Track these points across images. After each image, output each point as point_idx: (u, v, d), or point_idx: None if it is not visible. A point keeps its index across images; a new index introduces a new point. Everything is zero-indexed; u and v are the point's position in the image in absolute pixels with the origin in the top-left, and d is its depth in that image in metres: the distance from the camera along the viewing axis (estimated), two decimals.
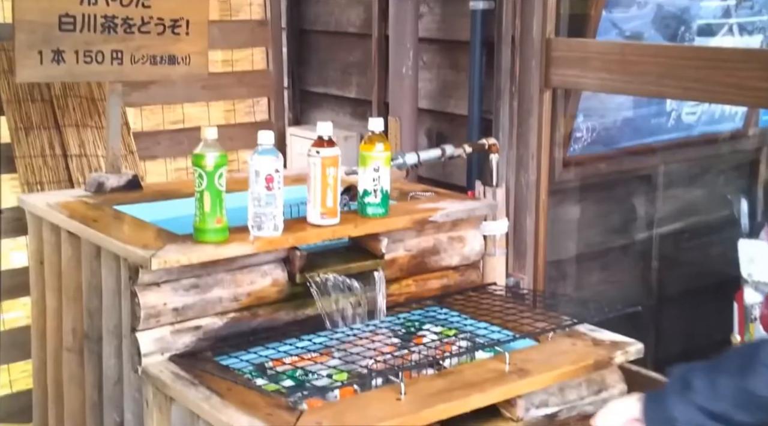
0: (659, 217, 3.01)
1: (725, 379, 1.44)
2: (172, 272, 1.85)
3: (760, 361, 1.40)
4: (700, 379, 1.47)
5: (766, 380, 1.40)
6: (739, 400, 1.42)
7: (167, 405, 1.82)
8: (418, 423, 1.71)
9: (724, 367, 1.45)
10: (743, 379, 1.41)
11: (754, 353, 1.42)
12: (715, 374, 1.46)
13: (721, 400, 1.44)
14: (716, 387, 1.45)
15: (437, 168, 2.80)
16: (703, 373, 1.47)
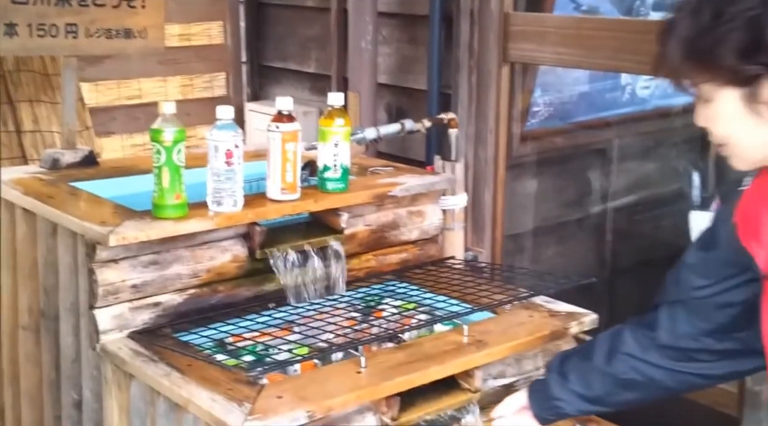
0: (613, 190, 3.07)
1: (594, 368, 1.58)
2: (130, 249, 1.84)
3: (619, 351, 1.54)
4: (574, 369, 1.62)
5: (627, 366, 1.54)
6: (609, 385, 1.57)
7: (126, 382, 1.82)
8: (378, 395, 1.73)
9: (593, 356, 1.59)
10: (609, 366, 1.56)
11: (614, 343, 1.57)
12: (585, 363, 1.60)
13: (594, 388, 1.59)
14: (587, 376, 1.59)
15: (396, 143, 2.81)
16: (576, 362, 1.62)
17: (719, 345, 1.47)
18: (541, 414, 1.68)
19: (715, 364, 1.51)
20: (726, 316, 1.44)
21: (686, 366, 1.52)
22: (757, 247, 1.27)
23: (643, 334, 1.55)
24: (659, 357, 1.53)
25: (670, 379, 1.54)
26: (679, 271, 1.50)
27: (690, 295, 1.47)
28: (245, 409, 1.57)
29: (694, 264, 1.46)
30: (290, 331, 1.92)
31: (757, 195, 1.30)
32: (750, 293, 1.38)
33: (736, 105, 1.18)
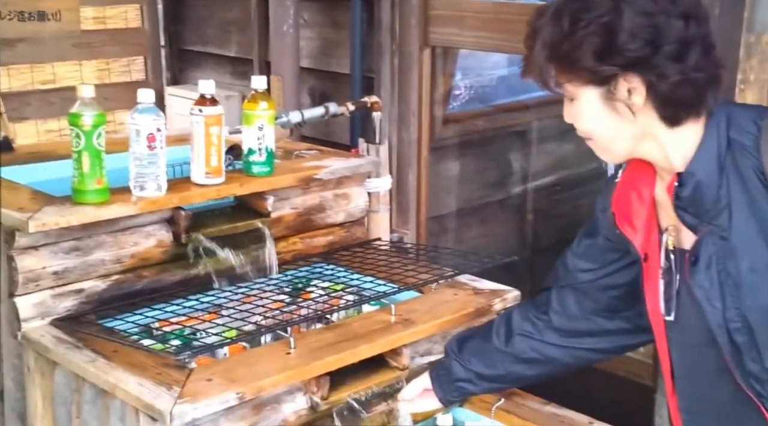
0: (533, 171, 3.14)
1: (494, 349, 1.68)
2: (50, 235, 1.80)
3: (516, 332, 1.66)
4: (475, 350, 1.71)
5: (525, 345, 1.65)
6: (510, 364, 1.68)
7: (50, 370, 1.79)
8: (308, 375, 1.75)
9: (492, 338, 1.69)
10: (508, 346, 1.67)
11: (511, 325, 1.68)
12: (485, 345, 1.70)
13: (496, 367, 1.69)
14: (488, 356, 1.69)
15: (320, 127, 2.81)
16: (476, 344, 1.72)
17: (610, 323, 1.58)
18: (446, 397, 1.76)
19: (606, 340, 1.61)
20: (611, 298, 1.55)
21: (580, 342, 1.62)
22: (632, 233, 1.37)
23: (536, 316, 1.65)
24: (554, 337, 1.63)
25: (567, 356, 1.65)
26: (567, 257, 1.60)
27: (577, 279, 1.57)
28: (174, 392, 1.57)
29: (580, 251, 1.57)
30: (218, 315, 1.92)
31: (627, 184, 1.39)
32: (631, 275, 1.48)
33: (596, 103, 1.26)
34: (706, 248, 1.24)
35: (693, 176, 1.24)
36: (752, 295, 1.21)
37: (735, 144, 1.23)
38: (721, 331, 1.23)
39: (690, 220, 1.26)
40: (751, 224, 1.21)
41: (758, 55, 1.86)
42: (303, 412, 1.77)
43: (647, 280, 1.38)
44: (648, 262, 1.37)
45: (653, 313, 1.39)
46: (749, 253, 1.21)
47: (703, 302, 1.25)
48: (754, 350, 1.22)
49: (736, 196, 1.22)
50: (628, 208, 1.37)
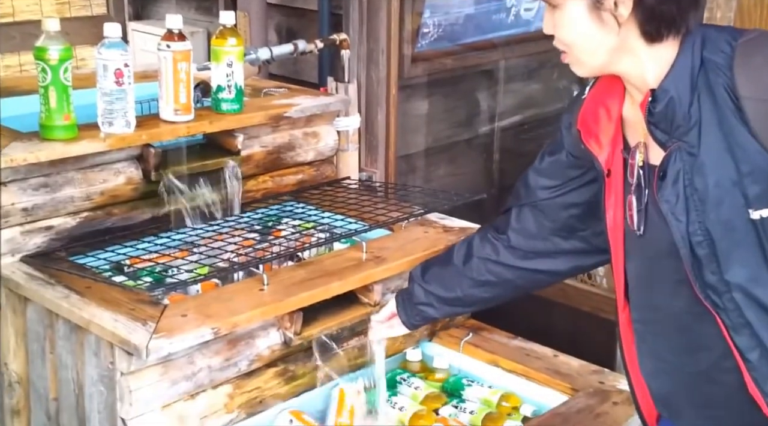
0: (500, 110, 3.15)
1: (453, 272, 1.73)
2: (18, 171, 1.78)
3: (474, 254, 1.71)
4: (435, 275, 1.76)
5: (482, 268, 1.70)
6: (467, 287, 1.72)
7: (22, 306, 1.79)
8: (282, 311, 1.77)
9: (452, 261, 1.74)
10: (466, 269, 1.71)
11: (470, 248, 1.72)
12: (445, 268, 1.75)
13: (453, 290, 1.74)
14: (447, 280, 1.74)
15: (288, 65, 2.78)
16: (436, 269, 1.77)
17: (566, 243, 1.63)
18: (409, 320, 1.80)
19: (561, 260, 1.66)
20: (570, 216, 1.59)
21: (536, 263, 1.67)
22: (598, 149, 1.40)
23: (496, 236, 1.70)
24: (511, 257, 1.68)
25: (521, 278, 1.70)
26: (528, 175, 1.64)
27: (538, 197, 1.61)
28: (150, 327, 1.58)
29: (542, 168, 1.60)
30: (189, 253, 1.92)
31: (595, 100, 1.41)
32: (590, 194, 1.53)
33: (583, 11, 1.27)
34: (673, 164, 1.27)
35: (666, 93, 1.26)
36: (716, 209, 1.25)
37: (708, 63, 1.26)
38: (684, 243, 1.27)
39: (660, 136, 1.29)
40: (719, 141, 1.24)
41: None
42: (276, 347, 1.80)
43: (609, 195, 1.42)
44: (610, 177, 1.40)
45: (613, 227, 1.42)
46: (716, 168, 1.25)
47: (668, 216, 1.28)
48: (714, 263, 1.26)
49: (706, 114, 1.25)
50: (596, 124, 1.40)
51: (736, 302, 1.27)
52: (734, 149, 1.24)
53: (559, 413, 1.81)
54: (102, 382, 1.63)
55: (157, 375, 1.62)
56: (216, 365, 1.70)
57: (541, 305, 2.44)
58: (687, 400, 1.40)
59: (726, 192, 1.25)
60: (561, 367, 1.98)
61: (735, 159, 1.24)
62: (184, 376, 1.65)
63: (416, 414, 1.89)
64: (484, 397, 1.96)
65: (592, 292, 2.47)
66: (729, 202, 1.25)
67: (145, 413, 1.61)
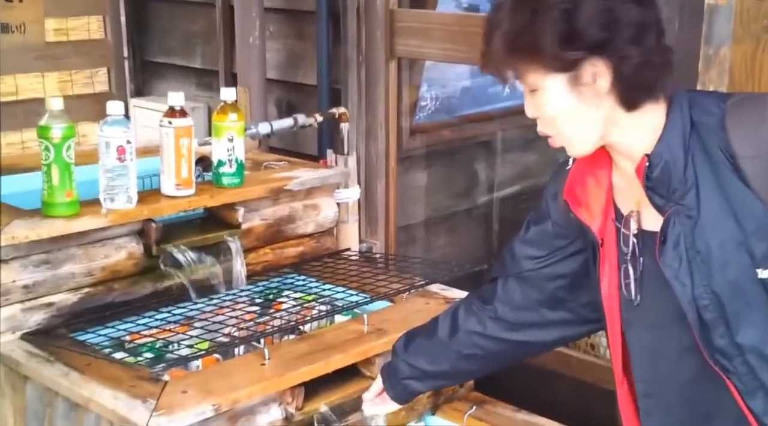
0: (498, 181, 3.18)
1: (438, 345, 1.66)
2: (20, 248, 1.79)
3: (460, 328, 1.65)
4: (419, 347, 1.69)
5: (469, 341, 1.64)
6: (453, 360, 1.66)
7: (21, 384, 1.77)
8: (283, 386, 1.75)
9: (437, 333, 1.67)
10: (452, 342, 1.65)
11: (455, 320, 1.66)
12: (430, 340, 1.68)
13: (439, 364, 1.67)
14: (433, 353, 1.68)
15: (288, 138, 2.82)
16: (421, 341, 1.69)
17: (553, 314, 1.58)
18: (396, 395, 1.74)
19: (548, 331, 1.62)
20: (557, 287, 1.55)
21: (521, 335, 1.62)
22: (590, 218, 1.39)
23: (481, 308, 1.65)
24: (498, 330, 1.63)
25: (507, 350, 1.66)
26: (514, 245, 1.61)
27: (523, 267, 1.58)
28: (150, 405, 1.56)
29: (528, 238, 1.57)
30: (190, 327, 1.92)
31: (582, 170, 1.41)
32: (577, 264, 1.51)
33: (562, 89, 1.27)
34: (673, 227, 1.26)
35: (660, 157, 1.27)
36: (722, 271, 1.24)
37: (699, 125, 1.27)
38: (690, 308, 1.26)
39: (658, 201, 1.28)
40: (719, 202, 1.24)
41: (716, 67, 1.92)
42: (278, 423, 1.78)
43: (603, 265, 1.40)
44: (604, 246, 1.39)
45: (608, 297, 1.41)
46: (718, 229, 1.24)
47: (672, 281, 1.27)
48: (723, 326, 1.25)
49: (702, 175, 1.25)
50: (585, 194, 1.39)
51: (750, 365, 1.24)
52: (736, 209, 1.23)
53: None
54: None
55: None
56: None
57: (545, 376, 2.41)
58: None
59: (731, 253, 1.24)
60: None
61: (737, 219, 1.23)
62: None
63: None
64: None
65: (596, 363, 2.45)
66: (735, 263, 1.24)
67: None
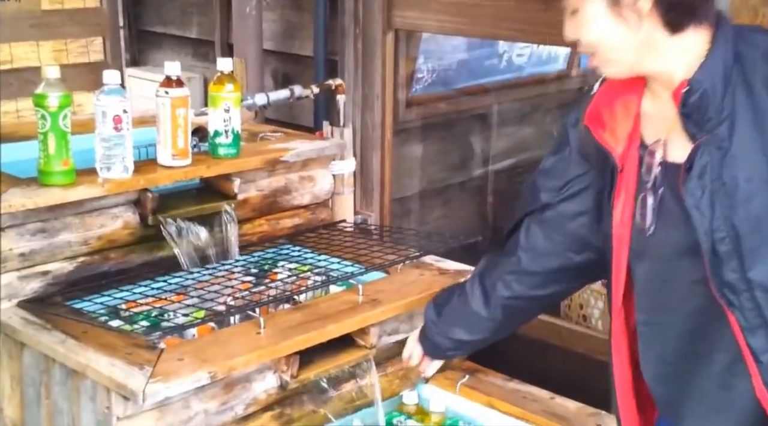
0: (493, 154, 3.19)
1: (474, 315, 1.70)
2: (16, 217, 1.79)
3: (491, 298, 1.67)
4: (453, 316, 1.74)
5: (500, 309, 1.67)
6: (489, 328, 1.71)
7: (18, 351, 1.79)
8: (278, 354, 1.77)
9: (469, 301, 1.70)
10: (486, 312, 1.69)
11: (483, 286, 1.69)
12: (464, 309, 1.72)
13: (478, 333, 1.73)
14: (468, 322, 1.72)
15: (284, 109, 2.82)
16: (455, 309, 1.74)
17: (579, 257, 1.58)
18: (441, 358, 1.82)
19: (573, 276, 1.62)
20: (579, 226, 1.54)
21: (550, 288, 1.64)
22: (614, 142, 1.38)
23: (506, 262, 1.65)
24: (525, 288, 1.64)
25: (539, 306, 1.71)
26: (535, 178, 1.62)
27: (543, 200, 1.57)
28: (146, 372, 1.58)
29: (547, 168, 1.58)
30: (186, 296, 1.93)
31: (609, 96, 1.40)
32: (594, 201, 1.50)
33: (602, 10, 1.28)
34: (700, 157, 1.26)
35: (700, 84, 1.26)
36: (746, 205, 1.24)
37: (743, 57, 1.26)
38: (706, 238, 1.26)
39: (692, 129, 1.28)
40: (752, 136, 1.24)
41: None
42: (273, 391, 1.80)
43: (618, 192, 1.39)
44: (623, 173, 1.38)
45: (620, 226, 1.40)
46: (748, 164, 1.24)
47: (692, 210, 1.26)
48: (736, 260, 1.25)
49: (740, 108, 1.24)
50: (612, 119, 1.38)
51: (756, 301, 1.24)
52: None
53: None
54: None
55: (153, 420, 1.61)
56: (212, 409, 1.70)
57: (537, 347, 2.44)
58: (694, 405, 1.37)
59: (757, 188, 1.23)
60: (558, 410, 1.98)
61: None
62: (180, 421, 1.65)
63: None
64: None
65: (587, 334, 2.48)
66: (760, 199, 1.23)
67: None
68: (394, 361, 2.04)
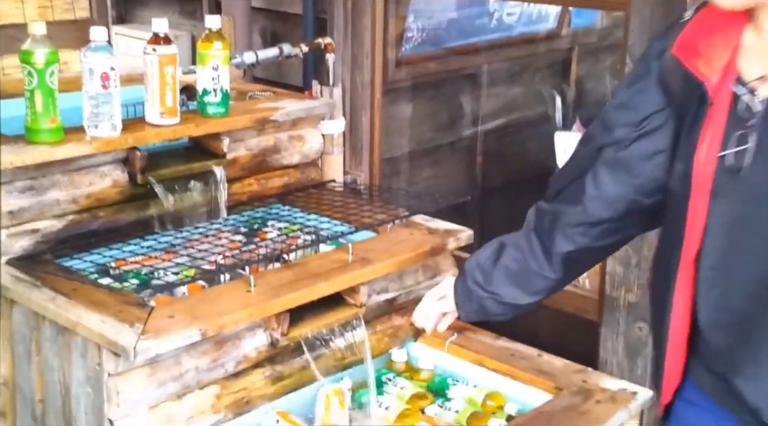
0: (483, 114, 3.18)
1: (534, 275, 1.58)
2: (5, 174, 1.78)
3: (553, 255, 1.55)
4: (508, 279, 1.60)
5: (562, 265, 1.56)
6: (549, 286, 1.59)
7: (8, 309, 1.79)
8: (269, 312, 1.78)
9: (529, 265, 1.58)
10: (551, 270, 1.57)
11: (543, 244, 1.56)
12: (522, 268, 1.59)
13: (537, 294, 1.60)
14: (526, 283, 1.59)
15: (272, 68, 2.80)
16: (510, 272, 1.60)
17: (649, 200, 1.47)
18: (474, 319, 1.70)
19: (636, 225, 1.52)
20: (656, 165, 1.44)
21: (612, 237, 1.53)
22: (708, 72, 1.31)
23: (568, 213, 1.52)
24: (587, 240, 1.53)
25: (598, 256, 1.60)
26: (607, 114, 1.49)
27: (616, 136, 1.46)
28: (137, 328, 1.59)
29: (623, 101, 1.46)
30: (176, 255, 1.93)
31: (710, 25, 1.33)
32: (672, 136, 1.40)
33: None
34: None
35: None
36: None
37: None
38: None
39: None
40: None
41: None
42: (263, 348, 1.81)
43: (706, 127, 1.32)
44: (713, 107, 1.31)
45: (704, 163, 1.32)
46: None
47: None
48: None
49: None
50: (708, 47, 1.31)
51: None
52: None
53: (543, 412, 1.83)
54: (89, 384, 1.63)
55: (145, 376, 1.62)
56: (203, 366, 1.71)
57: None
58: (752, 354, 1.32)
59: None
60: (545, 367, 2.01)
61: None
62: (171, 377, 1.66)
63: (402, 413, 1.90)
64: (469, 397, 1.97)
65: (575, 293, 2.50)
66: None
67: (132, 414, 1.62)
68: (383, 319, 2.06)
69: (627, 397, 1.87)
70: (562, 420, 1.79)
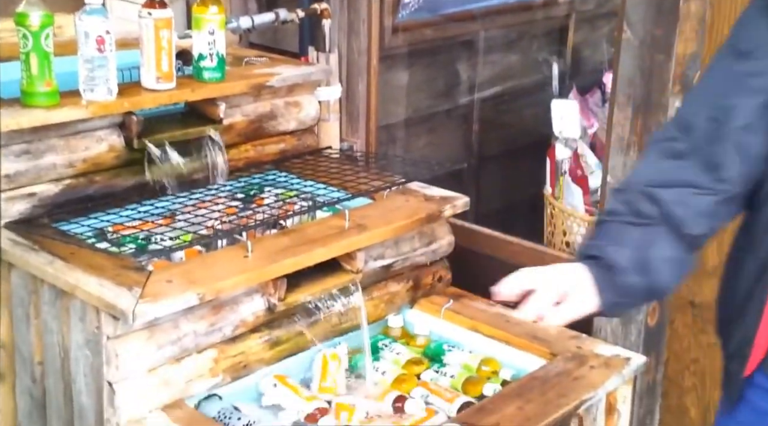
0: (480, 81, 3.17)
1: (681, 260, 1.43)
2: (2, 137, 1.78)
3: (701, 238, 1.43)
4: (673, 264, 1.43)
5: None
6: (673, 266, 1.42)
7: (6, 272, 1.79)
8: (265, 277, 1.79)
9: (679, 251, 1.42)
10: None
11: (708, 221, 1.41)
12: (685, 254, 1.43)
13: (666, 273, 1.42)
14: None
15: (268, 34, 2.78)
16: (671, 257, 1.42)
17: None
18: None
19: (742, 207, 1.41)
20: None
21: (727, 221, 1.43)
22: None
23: (717, 200, 1.37)
24: (718, 220, 1.41)
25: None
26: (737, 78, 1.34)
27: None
28: (135, 292, 1.59)
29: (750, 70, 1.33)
30: (173, 220, 1.93)
31: None
32: None
33: None
34: None
35: None
36: None
37: None
38: None
39: None
40: None
41: None
42: (260, 313, 1.82)
43: None
44: None
45: None
46: None
47: None
48: None
49: None
50: None
51: None
52: None
53: (538, 377, 1.85)
54: (87, 347, 1.64)
55: (143, 339, 1.64)
56: (201, 330, 1.72)
57: None
58: None
59: None
60: (539, 333, 2.02)
61: None
62: (169, 341, 1.67)
63: (398, 378, 1.92)
64: (464, 362, 1.99)
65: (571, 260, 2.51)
66: None
67: (130, 377, 1.63)
68: (379, 285, 2.07)
69: (620, 362, 1.89)
70: (555, 385, 1.81)
